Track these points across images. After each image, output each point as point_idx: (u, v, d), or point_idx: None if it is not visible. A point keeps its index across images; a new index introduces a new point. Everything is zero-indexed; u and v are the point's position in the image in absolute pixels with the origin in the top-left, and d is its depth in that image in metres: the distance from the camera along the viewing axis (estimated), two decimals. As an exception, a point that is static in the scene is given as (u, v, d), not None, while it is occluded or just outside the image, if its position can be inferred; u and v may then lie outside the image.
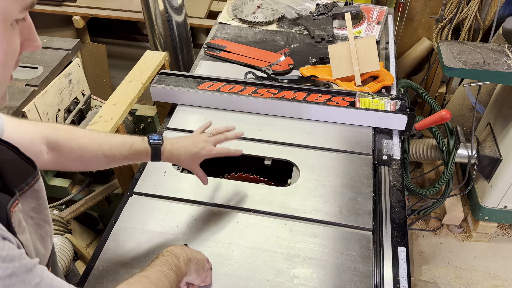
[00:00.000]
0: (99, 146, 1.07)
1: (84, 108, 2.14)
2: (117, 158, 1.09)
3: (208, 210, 1.33)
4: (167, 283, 0.90)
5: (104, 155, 1.07)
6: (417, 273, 2.46)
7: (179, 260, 0.98)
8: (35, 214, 0.76)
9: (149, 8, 2.34)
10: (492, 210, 2.46)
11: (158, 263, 0.95)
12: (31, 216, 0.75)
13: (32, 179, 0.74)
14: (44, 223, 0.79)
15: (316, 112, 1.62)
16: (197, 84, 1.71)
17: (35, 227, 0.76)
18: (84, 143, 1.05)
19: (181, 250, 1.03)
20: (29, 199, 0.74)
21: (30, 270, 0.62)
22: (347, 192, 1.38)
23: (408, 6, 2.92)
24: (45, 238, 0.78)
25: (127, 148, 1.10)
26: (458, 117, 2.76)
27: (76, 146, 1.04)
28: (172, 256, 0.98)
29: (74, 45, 2.13)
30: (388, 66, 1.97)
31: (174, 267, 0.95)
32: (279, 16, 2.27)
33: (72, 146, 1.03)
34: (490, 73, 1.89)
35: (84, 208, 2.04)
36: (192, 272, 1.02)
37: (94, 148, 1.06)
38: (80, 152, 1.04)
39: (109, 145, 1.08)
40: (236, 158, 1.53)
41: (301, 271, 1.17)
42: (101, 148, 1.07)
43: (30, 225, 0.74)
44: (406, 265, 1.19)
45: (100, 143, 1.07)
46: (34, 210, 0.75)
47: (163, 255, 0.98)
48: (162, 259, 0.96)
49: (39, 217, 0.77)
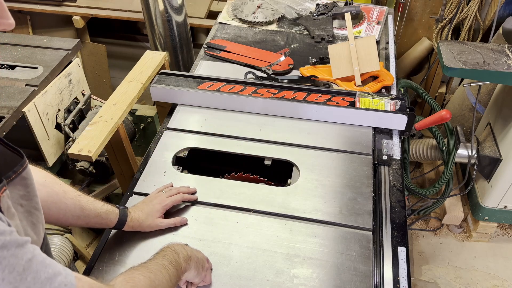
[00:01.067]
0: (78, 196, 1.09)
1: (84, 108, 2.14)
2: (91, 213, 1.11)
3: (208, 210, 1.33)
4: (166, 275, 0.91)
5: (81, 206, 1.09)
6: (417, 273, 2.46)
7: (179, 256, 0.99)
8: (25, 201, 0.76)
9: (149, 8, 2.34)
10: (492, 210, 2.46)
11: (158, 257, 0.96)
12: (20, 204, 0.76)
13: (19, 167, 0.74)
14: (35, 210, 0.79)
15: (316, 112, 1.62)
16: (197, 84, 1.71)
17: (26, 214, 0.76)
18: (66, 190, 1.07)
19: (181, 247, 1.04)
20: (18, 186, 0.75)
21: (21, 245, 0.63)
22: (347, 192, 1.38)
23: (408, 6, 2.92)
24: (36, 225, 0.79)
25: (100, 205, 1.14)
26: (458, 117, 2.76)
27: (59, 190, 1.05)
28: (172, 251, 1.00)
29: (74, 45, 2.13)
30: (388, 66, 1.97)
31: (174, 261, 0.96)
32: (279, 16, 2.27)
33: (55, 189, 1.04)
34: (490, 73, 1.89)
35: (84, 208, 2.04)
36: (191, 270, 1.03)
37: (73, 197, 1.08)
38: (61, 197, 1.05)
39: (86, 199, 1.11)
40: (236, 158, 1.54)
41: (301, 271, 1.17)
42: (79, 198, 1.09)
43: (21, 212, 0.75)
44: (406, 265, 1.19)
45: (78, 194, 1.10)
46: (23, 197, 0.76)
47: (163, 251, 1.00)
48: (162, 254, 0.98)
49: (29, 204, 0.78)
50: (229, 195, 1.37)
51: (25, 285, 0.61)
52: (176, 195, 1.30)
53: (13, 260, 0.61)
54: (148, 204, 1.26)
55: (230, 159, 1.55)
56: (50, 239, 1.81)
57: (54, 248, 1.77)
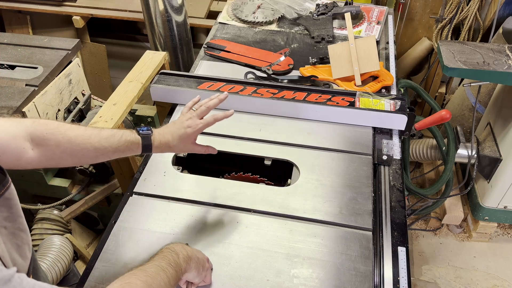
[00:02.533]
0: (88, 139, 1.04)
1: (84, 108, 2.14)
2: (108, 150, 1.06)
3: (208, 210, 1.33)
4: (165, 277, 0.90)
5: (93, 147, 1.04)
6: (417, 273, 2.46)
7: (179, 257, 0.98)
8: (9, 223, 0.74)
9: (149, 8, 2.34)
10: (492, 210, 2.46)
11: (157, 258, 0.95)
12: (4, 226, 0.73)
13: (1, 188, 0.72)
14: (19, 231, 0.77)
15: (316, 112, 1.62)
16: (197, 84, 1.71)
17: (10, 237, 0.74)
18: (71, 135, 1.02)
19: (181, 247, 1.03)
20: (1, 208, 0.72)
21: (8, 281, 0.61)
22: (347, 192, 1.38)
23: (408, 6, 2.92)
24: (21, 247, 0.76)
25: (117, 139, 1.08)
26: (458, 117, 2.76)
27: (63, 139, 1.00)
28: (172, 252, 0.98)
29: (74, 45, 2.13)
30: (388, 66, 1.97)
31: (173, 263, 0.95)
32: (279, 16, 2.27)
33: (59, 139, 1.00)
34: (490, 73, 1.89)
35: (84, 208, 2.04)
36: (192, 270, 1.03)
37: (83, 141, 1.03)
38: (68, 145, 1.01)
39: (98, 137, 1.05)
40: (236, 158, 1.54)
41: (301, 271, 1.17)
42: (90, 140, 1.04)
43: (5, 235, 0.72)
44: (406, 265, 1.19)
45: (89, 135, 1.04)
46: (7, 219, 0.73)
47: (163, 252, 0.99)
48: (161, 255, 0.97)
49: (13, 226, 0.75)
50: (229, 195, 1.37)
51: None
52: (208, 117, 1.22)
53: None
54: (180, 127, 1.18)
55: (230, 159, 1.55)
56: (50, 239, 1.81)
57: (54, 248, 1.77)
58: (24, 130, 0.95)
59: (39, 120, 1.00)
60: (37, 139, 0.96)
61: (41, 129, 0.98)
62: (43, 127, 0.98)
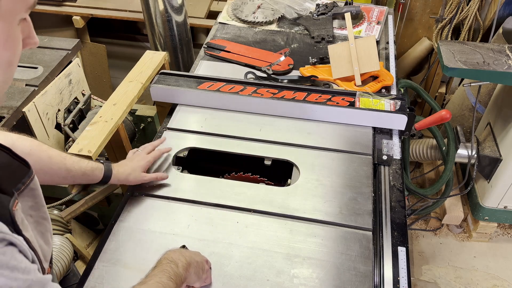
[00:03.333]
0: (63, 159, 1.14)
1: (84, 108, 2.14)
2: (77, 172, 1.17)
3: (208, 210, 1.33)
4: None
5: (66, 168, 1.14)
6: (417, 273, 2.46)
7: (178, 267, 0.97)
8: (34, 212, 0.77)
9: (149, 8, 2.34)
10: (492, 210, 2.46)
11: (157, 273, 0.94)
12: (30, 214, 0.76)
13: (27, 179, 0.76)
14: (43, 220, 0.80)
15: (316, 112, 1.62)
16: (197, 84, 1.71)
17: (35, 225, 0.77)
18: (51, 154, 1.11)
19: (179, 255, 1.02)
20: (26, 197, 0.75)
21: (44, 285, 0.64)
22: (347, 192, 1.38)
23: (408, 6, 2.92)
24: (45, 234, 0.80)
25: (85, 164, 1.20)
26: (458, 117, 2.76)
27: (44, 156, 1.09)
28: (171, 263, 0.97)
29: (74, 45, 2.13)
30: (388, 66, 1.97)
31: (173, 276, 0.94)
32: (279, 16, 2.27)
33: (41, 156, 1.08)
34: (490, 73, 1.89)
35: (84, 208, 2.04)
36: (192, 276, 1.02)
37: (59, 161, 1.13)
38: (47, 163, 1.09)
39: (71, 160, 1.17)
40: (236, 158, 1.54)
41: (301, 271, 1.17)
42: (65, 161, 1.15)
43: (31, 223, 0.75)
44: (406, 265, 1.19)
45: (64, 157, 1.15)
46: (32, 208, 0.77)
47: (162, 264, 0.97)
48: (160, 268, 0.95)
49: (38, 215, 0.78)
50: (229, 195, 1.37)
51: None
52: (155, 151, 1.40)
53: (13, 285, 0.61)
54: (132, 160, 1.34)
55: (230, 159, 1.55)
56: (50, 239, 1.81)
57: (54, 248, 1.77)
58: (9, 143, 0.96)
59: (24, 136, 1.07)
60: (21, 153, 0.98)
61: (26, 144, 1.06)
62: (28, 142, 1.07)
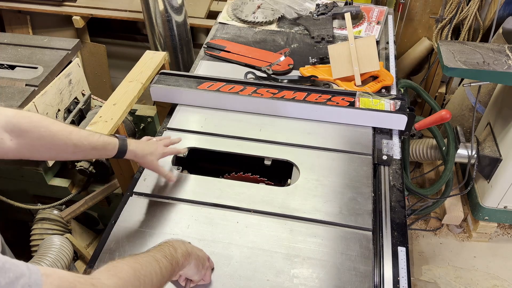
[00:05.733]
0: (68, 134, 1.09)
1: (84, 108, 2.14)
2: (86, 148, 1.12)
3: (208, 210, 1.33)
4: (157, 267, 0.89)
5: (73, 143, 1.09)
6: (417, 273, 2.46)
7: (176, 251, 0.98)
8: None
9: (149, 8, 2.34)
10: (492, 210, 2.45)
11: (152, 250, 0.95)
12: None
13: None
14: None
15: (316, 112, 1.62)
16: (197, 84, 1.71)
17: None
18: (54, 130, 1.06)
19: (181, 243, 1.03)
20: None
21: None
22: (347, 192, 1.38)
23: (408, 6, 2.92)
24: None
25: (96, 138, 1.15)
26: (458, 117, 2.76)
27: (45, 132, 1.04)
28: (169, 246, 0.98)
29: (74, 45, 2.13)
30: (388, 66, 1.97)
31: (169, 255, 0.95)
32: (279, 16, 2.27)
33: (41, 132, 1.03)
34: (490, 73, 1.89)
35: (84, 208, 2.04)
36: (191, 267, 1.03)
37: (64, 136, 1.07)
38: (49, 139, 1.05)
39: (78, 135, 1.11)
40: (236, 158, 1.54)
41: (301, 271, 1.17)
42: (70, 136, 1.09)
43: None
44: (406, 265, 1.19)
45: (69, 131, 1.09)
46: None
47: (160, 245, 0.98)
48: (158, 248, 0.97)
49: None
50: (229, 195, 1.37)
51: None
52: (172, 148, 1.40)
53: None
54: (152, 145, 1.32)
55: (230, 159, 1.55)
56: (50, 239, 1.81)
57: (54, 248, 1.77)
58: (3, 120, 0.99)
59: (22, 112, 1.03)
60: (18, 131, 1.00)
61: (24, 121, 1.01)
62: (26, 120, 1.02)
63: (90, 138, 1.14)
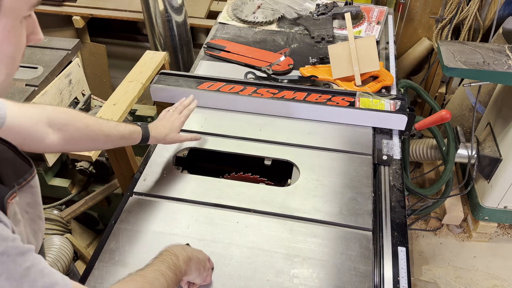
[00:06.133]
0: (100, 126, 1.19)
1: (84, 108, 2.14)
2: (116, 137, 1.22)
3: (208, 210, 1.33)
4: (164, 282, 0.90)
5: (104, 134, 1.19)
6: (417, 273, 2.46)
7: (179, 259, 0.98)
8: (31, 209, 0.78)
9: (149, 8, 2.34)
10: (492, 210, 2.46)
11: (156, 262, 0.95)
12: (26, 211, 0.77)
13: (28, 175, 0.78)
14: (38, 219, 0.81)
15: (316, 112, 1.62)
16: (197, 84, 1.71)
17: (29, 222, 0.78)
18: (88, 122, 1.16)
19: (181, 249, 1.03)
20: (25, 194, 0.77)
21: (22, 254, 0.64)
22: (347, 192, 1.38)
23: (408, 6, 2.92)
24: (37, 233, 0.80)
25: (123, 127, 1.24)
26: (458, 117, 2.76)
27: (81, 124, 1.14)
28: (171, 255, 0.98)
29: (74, 45, 2.14)
30: (388, 66, 1.97)
31: (172, 266, 0.95)
32: (279, 16, 2.27)
33: (78, 125, 1.13)
34: (490, 73, 1.89)
35: (84, 208, 2.04)
36: (192, 271, 1.03)
37: (97, 128, 1.17)
38: (85, 131, 1.15)
39: (107, 126, 1.21)
40: (236, 158, 1.54)
41: (301, 271, 1.17)
42: (101, 127, 1.19)
43: (26, 219, 0.76)
44: (406, 265, 1.19)
45: (100, 123, 1.19)
46: (29, 205, 0.78)
47: (162, 255, 0.98)
48: (160, 259, 0.96)
49: (34, 212, 0.79)
50: (229, 195, 1.37)
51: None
52: (185, 111, 1.46)
53: (11, 267, 0.62)
54: (168, 121, 1.40)
55: (230, 159, 1.55)
56: (50, 239, 1.82)
57: (54, 248, 1.77)
58: (46, 115, 1.07)
59: (59, 108, 1.12)
60: (59, 124, 1.09)
61: (62, 116, 1.10)
62: (63, 114, 1.11)
63: (118, 128, 1.23)
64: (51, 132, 1.08)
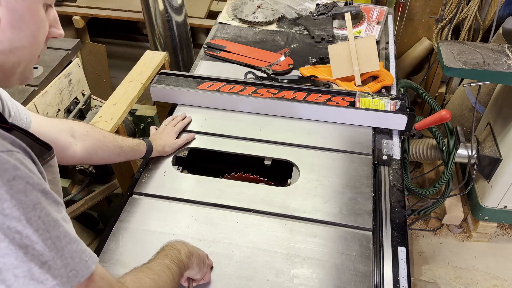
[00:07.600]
0: (114, 137, 1.27)
1: (84, 108, 2.14)
2: (127, 149, 1.30)
3: (208, 210, 1.33)
4: (170, 274, 0.92)
5: (118, 145, 1.27)
6: (417, 273, 2.46)
7: (181, 253, 1.00)
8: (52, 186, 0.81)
9: (149, 8, 2.35)
10: (492, 210, 2.45)
11: (160, 256, 0.97)
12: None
13: (48, 155, 0.81)
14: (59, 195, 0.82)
15: (316, 112, 1.62)
16: (197, 84, 1.71)
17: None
18: (104, 134, 1.24)
19: (182, 244, 1.04)
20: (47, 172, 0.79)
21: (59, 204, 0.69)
22: (347, 192, 1.38)
23: (408, 6, 2.92)
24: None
25: (131, 140, 1.33)
26: (458, 117, 2.76)
27: (100, 136, 1.22)
28: (173, 249, 1.00)
29: (74, 45, 2.13)
30: (388, 66, 1.97)
31: (175, 259, 0.97)
32: (279, 16, 2.27)
33: (97, 136, 1.21)
34: (490, 73, 1.89)
35: (84, 208, 2.04)
36: (194, 266, 1.04)
37: (112, 140, 1.26)
38: (104, 142, 1.22)
39: (120, 138, 1.29)
40: (236, 158, 1.54)
41: (301, 271, 1.17)
42: (115, 139, 1.27)
43: None
44: (406, 265, 1.19)
45: (113, 135, 1.28)
46: (51, 182, 0.81)
47: (164, 250, 1.00)
48: (163, 253, 0.98)
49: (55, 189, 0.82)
50: (229, 195, 1.37)
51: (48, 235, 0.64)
52: (179, 124, 1.57)
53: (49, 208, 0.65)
54: (162, 133, 1.50)
55: (230, 159, 1.56)
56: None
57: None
58: (68, 126, 1.13)
59: (79, 121, 1.20)
60: (80, 135, 1.16)
61: (83, 127, 1.18)
62: (83, 126, 1.19)
63: (128, 141, 1.32)
64: (74, 142, 1.13)
